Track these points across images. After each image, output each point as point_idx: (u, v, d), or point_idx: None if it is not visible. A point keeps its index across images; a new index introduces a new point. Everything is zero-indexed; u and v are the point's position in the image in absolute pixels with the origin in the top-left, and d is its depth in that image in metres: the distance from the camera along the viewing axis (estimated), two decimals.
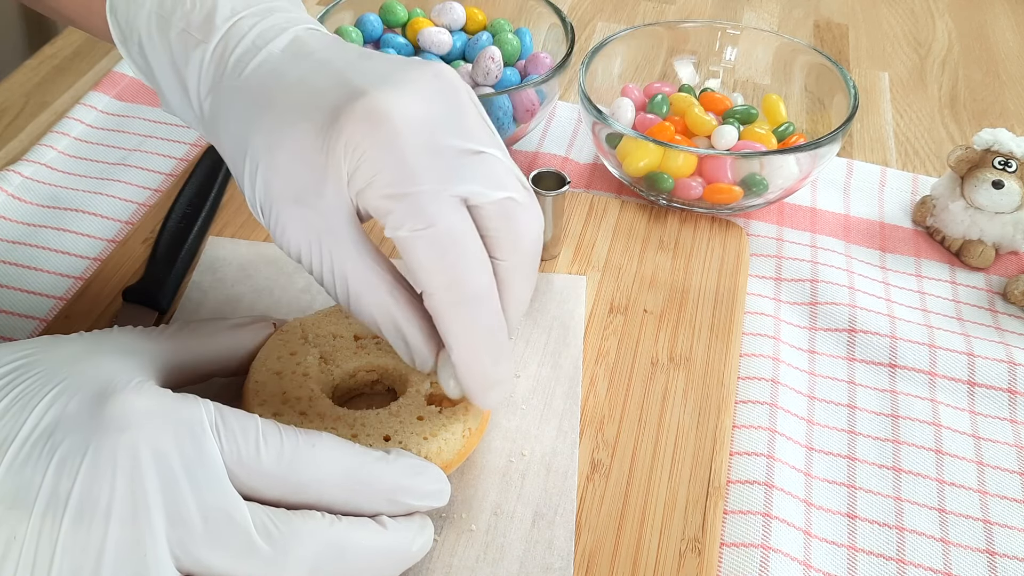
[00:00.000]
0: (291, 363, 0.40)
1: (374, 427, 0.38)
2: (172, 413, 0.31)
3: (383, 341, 0.42)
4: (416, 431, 0.38)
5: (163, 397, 0.31)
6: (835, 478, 0.44)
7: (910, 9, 0.83)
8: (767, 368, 0.48)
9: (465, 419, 0.39)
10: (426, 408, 0.39)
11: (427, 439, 0.37)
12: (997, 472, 0.44)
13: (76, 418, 0.30)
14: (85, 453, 0.29)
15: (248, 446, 0.31)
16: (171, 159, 0.60)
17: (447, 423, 0.38)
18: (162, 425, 0.30)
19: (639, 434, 0.43)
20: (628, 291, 0.50)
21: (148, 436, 0.30)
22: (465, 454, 0.39)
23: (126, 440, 0.30)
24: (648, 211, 0.56)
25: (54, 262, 0.52)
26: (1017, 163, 0.53)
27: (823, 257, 0.55)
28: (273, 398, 0.39)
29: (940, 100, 0.71)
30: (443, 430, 0.38)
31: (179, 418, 0.31)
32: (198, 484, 0.30)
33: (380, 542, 0.33)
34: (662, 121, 0.57)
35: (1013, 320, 0.52)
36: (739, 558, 0.40)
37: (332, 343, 0.42)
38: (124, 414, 0.30)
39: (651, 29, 0.62)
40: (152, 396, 0.31)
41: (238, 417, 0.32)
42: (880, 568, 0.40)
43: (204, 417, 0.31)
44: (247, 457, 0.31)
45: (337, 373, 0.41)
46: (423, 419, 0.38)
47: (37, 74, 0.68)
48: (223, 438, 0.31)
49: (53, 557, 0.28)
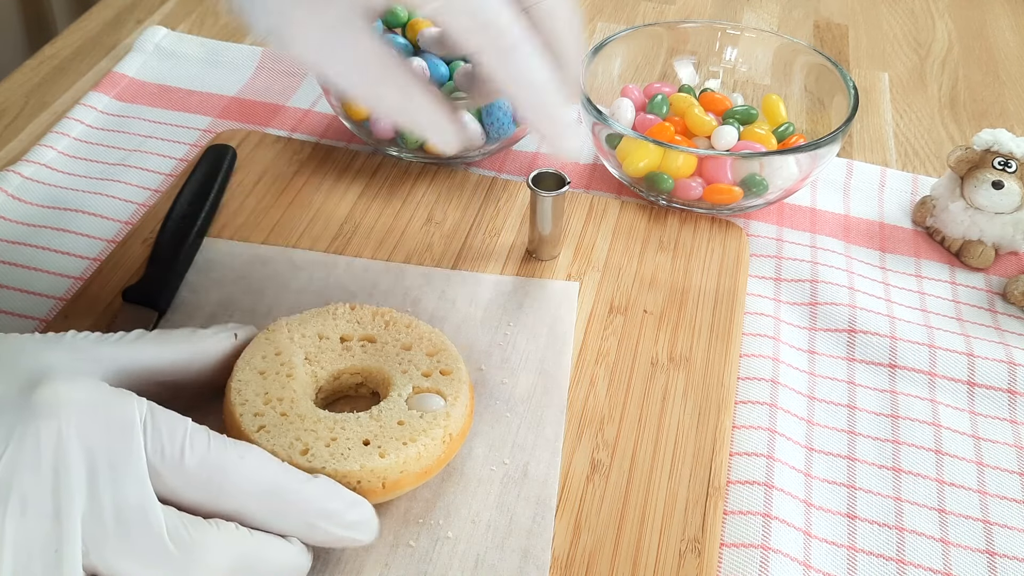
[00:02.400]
0: (275, 363, 0.40)
1: (354, 430, 0.38)
2: (103, 405, 0.31)
3: (368, 344, 0.42)
4: (396, 435, 0.38)
5: (97, 389, 0.31)
6: (835, 478, 0.44)
7: (910, 9, 0.83)
8: (767, 368, 0.48)
9: (446, 424, 0.39)
10: (407, 413, 0.39)
11: (406, 444, 0.37)
12: (997, 472, 0.44)
13: (7, 403, 0.30)
14: (9, 438, 0.29)
15: (174, 447, 0.31)
16: (171, 159, 0.60)
17: (427, 428, 0.38)
18: (91, 416, 0.30)
19: (639, 434, 0.43)
20: (628, 291, 0.50)
21: (77, 426, 0.30)
22: (445, 460, 0.39)
23: (52, 428, 0.29)
24: (648, 211, 0.56)
25: (54, 262, 0.52)
26: (1017, 163, 0.53)
27: (823, 257, 0.55)
28: (255, 398, 0.38)
29: (940, 100, 0.71)
30: (423, 435, 0.38)
31: (109, 411, 0.31)
32: (119, 481, 0.30)
33: (294, 561, 0.33)
34: (662, 121, 0.57)
35: (1013, 320, 0.52)
36: (739, 558, 0.40)
37: (318, 344, 0.42)
38: (54, 401, 0.30)
39: (651, 29, 0.62)
40: (85, 386, 0.31)
41: (169, 417, 0.32)
42: (880, 568, 0.40)
43: (135, 413, 0.31)
44: (171, 458, 0.31)
45: (321, 375, 0.41)
46: (403, 424, 0.38)
47: (37, 74, 0.68)
48: (149, 436, 0.31)
49: None
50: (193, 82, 0.67)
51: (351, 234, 0.53)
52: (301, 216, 0.54)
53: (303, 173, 0.57)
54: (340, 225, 0.53)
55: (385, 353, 0.42)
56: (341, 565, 0.37)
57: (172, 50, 0.70)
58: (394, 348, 0.42)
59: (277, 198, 0.55)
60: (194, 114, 0.64)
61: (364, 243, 0.52)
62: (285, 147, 0.59)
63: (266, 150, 0.59)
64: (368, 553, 0.38)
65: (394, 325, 0.43)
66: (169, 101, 0.65)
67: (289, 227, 0.53)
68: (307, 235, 0.53)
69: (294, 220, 0.54)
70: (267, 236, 0.52)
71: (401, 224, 0.54)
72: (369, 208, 0.55)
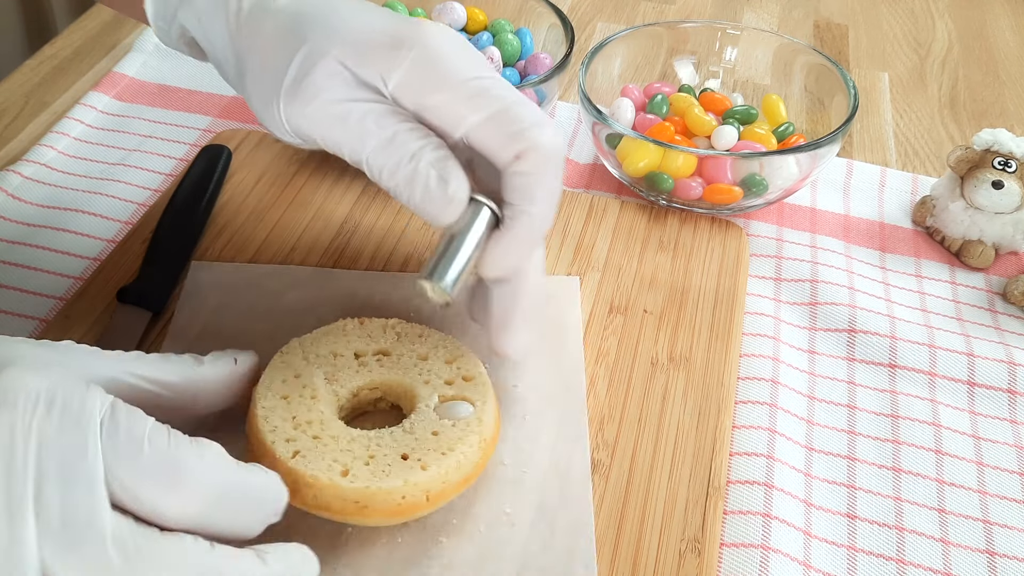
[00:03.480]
0: (297, 386, 0.39)
1: (390, 446, 0.37)
2: (63, 396, 0.29)
3: (384, 357, 0.42)
4: (433, 447, 0.37)
5: (60, 380, 0.30)
6: (835, 478, 0.44)
7: (910, 9, 0.83)
8: (767, 368, 0.47)
9: (480, 430, 0.38)
10: (439, 423, 0.38)
11: (445, 454, 0.37)
12: (997, 472, 0.44)
13: None
14: None
15: (132, 442, 0.30)
16: (171, 159, 0.60)
17: (463, 436, 0.38)
18: (49, 408, 0.29)
19: (639, 434, 0.43)
20: (628, 291, 0.50)
21: (32, 418, 0.28)
22: (482, 466, 0.39)
23: (5, 420, 0.28)
24: (648, 211, 0.56)
25: (53, 262, 0.52)
26: (1017, 163, 0.53)
27: (823, 257, 0.55)
28: (284, 423, 0.38)
29: (940, 100, 0.71)
30: (460, 443, 0.38)
31: (68, 403, 0.29)
32: (69, 481, 0.28)
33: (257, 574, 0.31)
34: (662, 121, 0.57)
35: (1013, 320, 0.52)
36: (739, 558, 0.40)
37: (333, 362, 0.41)
38: (11, 390, 0.29)
39: (651, 29, 0.62)
40: (47, 377, 0.30)
41: (130, 413, 0.30)
42: (880, 568, 0.40)
43: (96, 406, 0.30)
44: (127, 454, 0.29)
45: (342, 393, 0.40)
46: (438, 434, 0.38)
47: (37, 74, 0.68)
48: (106, 431, 0.29)
49: None
50: (193, 82, 0.67)
51: (351, 234, 0.53)
52: (301, 216, 0.54)
53: (303, 173, 0.57)
54: (340, 225, 0.53)
55: (402, 365, 0.41)
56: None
57: (172, 50, 0.70)
58: (411, 359, 0.42)
59: (277, 198, 0.55)
60: (194, 114, 0.64)
61: (364, 243, 0.52)
62: (285, 147, 0.59)
63: (265, 150, 0.59)
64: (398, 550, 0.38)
65: (406, 336, 0.43)
66: (169, 101, 0.65)
67: (289, 227, 0.53)
68: (307, 235, 0.53)
69: (294, 220, 0.54)
70: (267, 236, 0.52)
71: (401, 224, 0.54)
72: (369, 208, 0.55)
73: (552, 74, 0.56)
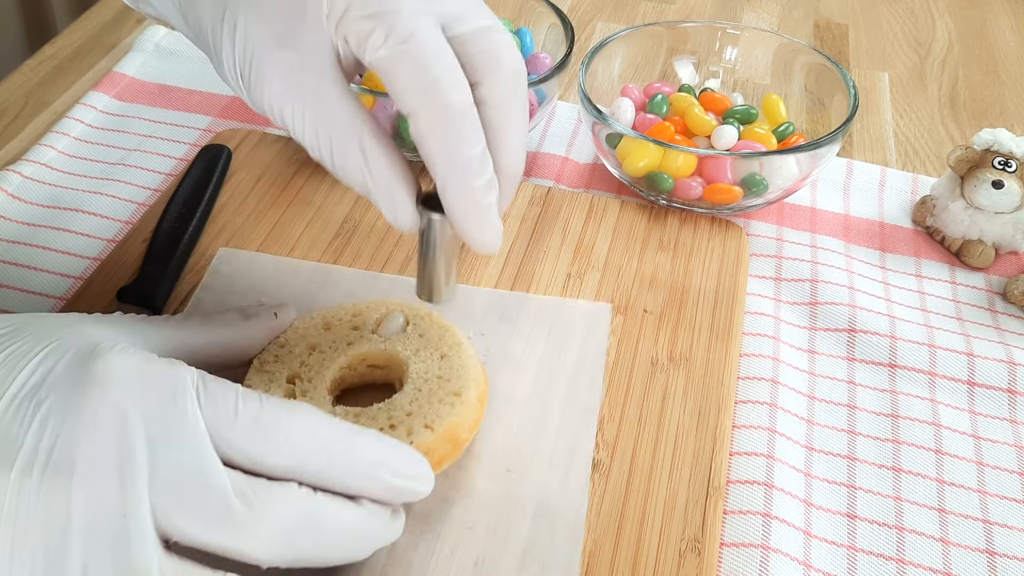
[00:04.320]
0: (279, 368, 0.41)
1: (401, 407, 0.39)
2: (156, 375, 0.31)
3: (380, 328, 0.43)
4: (435, 400, 0.39)
5: (148, 360, 0.32)
6: (835, 478, 0.44)
7: (910, 9, 0.83)
8: (767, 368, 0.47)
9: (477, 384, 0.40)
10: (434, 380, 0.40)
11: (448, 404, 0.39)
12: (997, 472, 0.44)
13: (62, 377, 0.30)
14: (67, 411, 0.29)
15: (227, 410, 0.31)
16: (171, 159, 0.60)
17: (459, 389, 0.40)
18: (146, 386, 0.31)
19: (639, 434, 0.43)
20: (628, 291, 0.50)
21: (132, 396, 0.30)
22: (479, 420, 0.40)
23: (109, 399, 0.30)
24: (648, 211, 0.56)
25: (54, 262, 0.52)
26: (1017, 163, 0.53)
27: (823, 257, 0.55)
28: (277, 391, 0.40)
29: (940, 100, 0.71)
30: (456, 399, 0.39)
31: (163, 380, 0.31)
32: (180, 447, 0.30)
33: (354, 517, 0.33)
34: (662, 121, 0.57)
35: (1013, 320, 0.52)
36: (739, 558, 0.40)
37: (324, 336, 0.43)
38: (108, 373, 0.30)
39: (651, 29, 0.62)
40: (137, 358, 0.31)
41: (220, 383, 0.32)
42: (880, 568, 0.40)
43: (188, 381, 0.31)
44: (225, 421, 0.31)
45: (327, 375, 0.41)
46: (434, 392, 0.40)
47: (37, 74, 0.68)
48: (203, 401, 0.31)
49: (30, 515, 0.28)
50: (193, 82, 0.67)
51: (351, 233, 0.53)
52: (300, 216, 0.54)
53: (303, 173, 0.57)
54: (340, 224, 0.53)
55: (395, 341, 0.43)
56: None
57: (172, 49, 0.70)
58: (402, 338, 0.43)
59: (277, 198, 0.55)
60: (194, 114, 0.64)
61: (363, 243, 0.52)
62: (285, 147, 0.59)
63: (265, 150, 0.59)
64: (415, 550, 0.38)
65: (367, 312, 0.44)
66: (169, 101, 0.65)
67: (288, 227, 0.53)
68: (306, 234, 0.53)
69: (294, 220, 0.54)
70: (267, 235, 0.52)
71: None
72: (369, 208, 0.55)
73: (552, 74, 0.56)
